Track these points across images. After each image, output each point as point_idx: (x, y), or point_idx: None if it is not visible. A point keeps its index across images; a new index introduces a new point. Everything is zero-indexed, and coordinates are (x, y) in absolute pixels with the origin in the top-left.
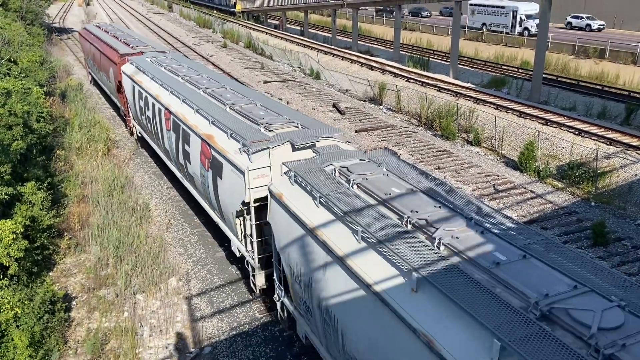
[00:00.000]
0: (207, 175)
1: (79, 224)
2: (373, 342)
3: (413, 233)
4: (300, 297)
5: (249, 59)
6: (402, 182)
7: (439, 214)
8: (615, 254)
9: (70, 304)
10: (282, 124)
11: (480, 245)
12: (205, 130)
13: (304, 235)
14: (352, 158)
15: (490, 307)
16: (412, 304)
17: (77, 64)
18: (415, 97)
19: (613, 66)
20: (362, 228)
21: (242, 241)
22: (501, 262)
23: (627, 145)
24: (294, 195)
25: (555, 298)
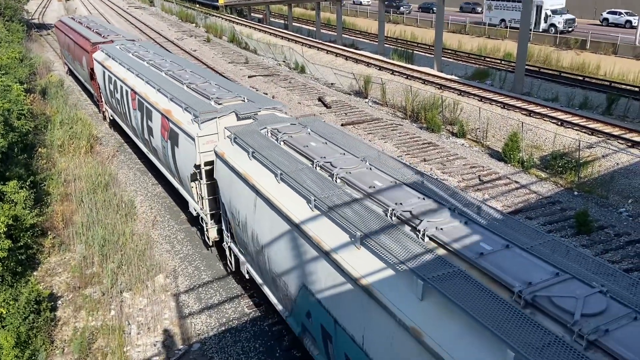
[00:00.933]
0: (166, 146)
1: (62, 222)
2: (288, 260)
3: (319, 173)
4: (241, 238)
5: (233, 53)
6: (319, 137)
7: (343, 161)
8: (598, 242)
9: (55, 303)
10: (230, 98)
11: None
12: (164, 106)
13: (240, 184)
14: (284, 122)
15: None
16: (312, 223)
17: (58, 60)
18: (400, 90)
19: (594, 57)
20: (281, 171)
21: (197, 202)
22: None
23: (608, 134)
24: (234, 153)
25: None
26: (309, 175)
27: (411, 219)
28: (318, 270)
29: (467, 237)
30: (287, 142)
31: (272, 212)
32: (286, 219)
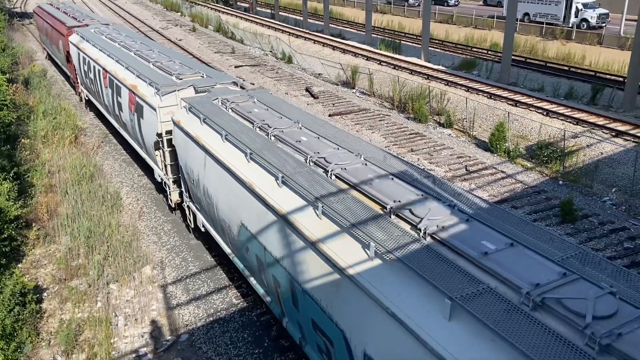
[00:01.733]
0: (133, 119)
1: (47, 214)
2: (230, 206)
3: (258, 133)
4: (196, 195)
5: (219, 43)
6: (263, 105)
7: (278, 123)
8: (582, 231)
9: (41, 295)
10: (190, 74)
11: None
12: (131, 82)
13: (193, 146)
14: (235, 94)
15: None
16: (247, 171)
17: (40, 50)
18: (387, 80)
19: (579, 47)
20: (226, 132)
21: (162, 169)
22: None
23: (593, 124)
24: (188, 120)
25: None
26: (248, 135)
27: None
28: (251, 208)
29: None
30: (234, 109)
31: (218, 167)
32: (228, 171)
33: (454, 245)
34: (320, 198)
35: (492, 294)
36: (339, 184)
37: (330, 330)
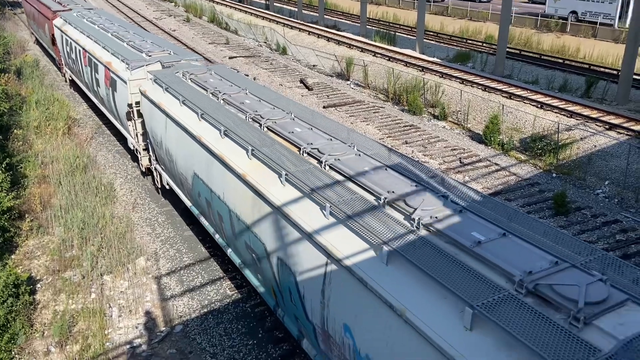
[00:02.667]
0: (109, 92)
1: (40, 205)
2: (186, 158)
3: (210, 98)
4: (160, 156)
5: (213, 34)
6: (218, 77)
7: (230, 90)
8: (575, 223)
9: (34, 286)
10: (159, 52)
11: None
12: (107, 59)
13: (157, 112)
14: (195, 68)
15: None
16: (199, 128)
17: (33, 39)
18: (382, 72)
19: (574, 40)
20: (183, 97)
21: (134, 138)
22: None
23: (587, 117)
24: (153, 90)
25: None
26: (201, 99)
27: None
28: (201, 159)
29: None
30: (193, 79)
31: (176, 128)
32: (184, 129)
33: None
34: (253, 145)
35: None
36: (271, 135)
37: (257, 245)
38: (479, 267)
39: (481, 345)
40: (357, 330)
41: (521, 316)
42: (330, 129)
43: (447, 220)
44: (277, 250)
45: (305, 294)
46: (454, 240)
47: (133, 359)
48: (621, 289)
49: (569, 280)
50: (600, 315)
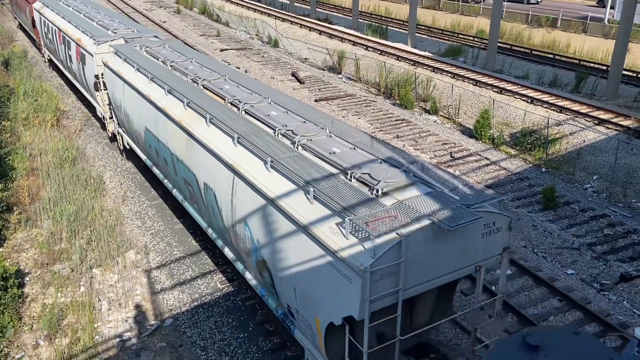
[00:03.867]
0: (79, 66)
1: (29, 197)
2: (139, 116)
3: (161, 65)
4: (121, 119)
5: (204, 26)
6: (172, 49)
7: (179, 59)
8: (564, 217)
9: (23, 279)
10: (124, 29)
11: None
12: (78, 36)
13: (117, 80)
14: (153, 43)
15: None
16: (148, 89)
17: (26, 38)
18: (374, 66)
19: (564, 35)
20: (137, 65)
21: (101, 107)
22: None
23: (576, 112)
24: (114, 61)
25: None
26: (153, 66)
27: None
28: (151, 114)
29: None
30: (148, 51)
31: (132, 91)
32: (137, 91)
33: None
34: (188, 98)
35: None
36: (205, 91)
37: (190, 177)
38: (331, 169)
39: (320, 212)
40: (252, 224)
41: (345, 192)
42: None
43: (318, 144)
44: (204, 176)
45: (222, 206)
46: (316, 152)
47: (123, 352)
48: (416, 175)
49: (382, 172)
50: (394, 190)
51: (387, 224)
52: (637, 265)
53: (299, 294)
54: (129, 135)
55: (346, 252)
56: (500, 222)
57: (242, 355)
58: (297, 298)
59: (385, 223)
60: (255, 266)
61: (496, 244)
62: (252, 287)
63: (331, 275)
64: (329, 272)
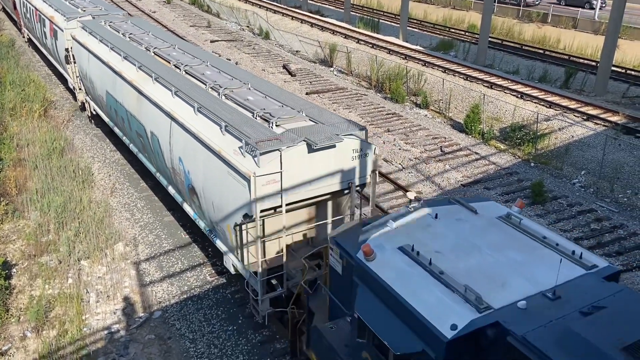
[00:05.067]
0: (53, 42)
1: (16, 188)
2: (102, 83)
3: (122, 37)
4: (87, 87)
5: (194, 17)
6: (133, 24)
7: (138, 32)
8: (552, 212)
9: (10, 271)
10: (92, 7)
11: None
12: (51, 14)
13: (83, 51)
14: (117, 19)
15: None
16: (107, 56)
17: (8, 19)
18: (365, 60)
19: (555, 31)
20: (100, 37)
21: (73, 81)
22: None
23: (565, 108)
24: (81, 35)
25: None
26: (114, 38)
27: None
28: (110, 78)
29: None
30: (112, 26)
31: (95, 60)
32: (100, 59)
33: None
34: (139, 61)
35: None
36: (157, 58)
37: (140, 129)
38: (243, 111)
39: (228, 141)
40: (184, 158)
41: (247, 125)
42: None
43: (237, 94)
44: (150, 126)
45: (163, 149)
46: (235, 99)
47: (111, 344)
48: (307, 114)
49: (280, 111)
50: (284, 123)
51: (272, 144)
52: (623, 260)
53: (216, 207)
54: (94, 101)
55: (242, 166)
56: (366, 149)
57: (231, 347)
58: (215, 211)
59: (271, 143)
60: (188, 194)
61: (365, 166)
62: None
63: (233, 184)
64: (232, 182)
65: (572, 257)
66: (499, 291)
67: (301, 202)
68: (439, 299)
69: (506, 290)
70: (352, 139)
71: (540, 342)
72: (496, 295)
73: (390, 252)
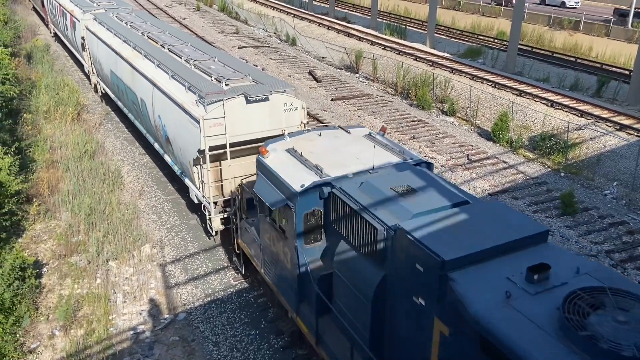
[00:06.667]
0: (72, 32)
1: (48, 189)
2: (108, 64)
3: (124, 25)
4: (97, 70)
5: (223, 23)
6: (135, 15)
7: (136, 19)
8: (582, 224)
9: (40, 270)
10: (106, 2)
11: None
12: (71, 8)
13: (94, 38)
14: (124, 11)
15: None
16: (111, 40)
17: (43, 24)
18: (391, 66)
19: (587, 38)
20: (107, 26)
21: (87, 64)
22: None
23: (597, 117)
24: (94, 25)
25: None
26: (118, 26)
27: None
28: (114, 59)
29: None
30: (118, 17)
31: (103, 45)
32: (106, 44)
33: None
34: (135, 43)
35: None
36: (148, 41)
37: (134, 98)
38: (205, 76)
39: (190, 96)
40: (162, 115)
41: (205, 84)
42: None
43: (205, 64)
44: (140, 94)
45: (149, 111)
46: (201, 68)
47: (136, 344)
48: (253, 78)
49: (233, 75)
50: (233, 82)
51: (217, 96)
52: None
53: (182, 149)
54: (103, 82)
55: (196, 112)
56: (296, 104)
57: (254, 352)
58: (182, 152)
59: (216, 96)
60: (165, 144)
61: (295, 117)
62: (266, 285)
63: (191, 128)
64: (190, 127)
65: (397, 152)
66: (339, 169)
67: (246, 148)
68: (299, 173)
69: (344, 169)
70: (283, 94)
71: (349, 189)
72: (336, 171)
73: (279, 152)
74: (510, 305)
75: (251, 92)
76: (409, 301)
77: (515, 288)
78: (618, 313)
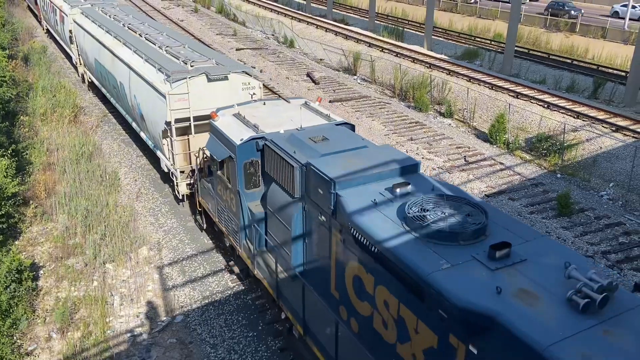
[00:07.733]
0: (61, 27)
1: (45, 192)
2: (93, 53)
3: (110, 19)
4: (84, 59)
5: (221, 25)
6: (119, 9)
7: (121, 14)
8: (578, 224)
9: (37, 273)
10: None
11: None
12: (60, 4)
13: (81, 31)
14: (109, 5)
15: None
16: (97, 31)
17: (37, 22)
18: (389, 68)
19: (583, 40)
20: (93, 19)
21: (76, 57)
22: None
23: (593, 118)
24: (81, 18)
25: (197, 64)
26: (102, 18)
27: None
28: (98, 48)
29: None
30: (103, 10)
31: (88, 36)
32: (91, 35)
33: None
34: (116, 33)
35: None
36: (128, 31)
37: (114, 81)
38: (174, 59)
39: (159, 75)
40: (137, 94)
41: (173, 66)
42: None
43: (175, 50)
44: (119, 78)
45: (127, 92)
46: (171, 52)
47: (133, 347)
48: (217, 60)
49: (199, 58)
50: (197, 64)
51: (181, 75)
52: None
53: (153, 123)
54: (89, 71)
55: (163, 89)
56: (253, 83)
57: (251, 353)
58: (152, 126)
59: (182, 74)
60: (140, 120)
61: (251, 96)
62: (263, 288)
63: (159, 103)
64: (158, 102)
65: (324, 116)
66: (273, 128)
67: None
68: (240, 131)
69: (278, 128)
70: (241, 75)
71: (279, 142)
72: (271, 129)
73: (227, 117)
74: (376, 209)
75: (212, 72)
76: (317, 221)
77: (383, 199)
78: (446, 209)
